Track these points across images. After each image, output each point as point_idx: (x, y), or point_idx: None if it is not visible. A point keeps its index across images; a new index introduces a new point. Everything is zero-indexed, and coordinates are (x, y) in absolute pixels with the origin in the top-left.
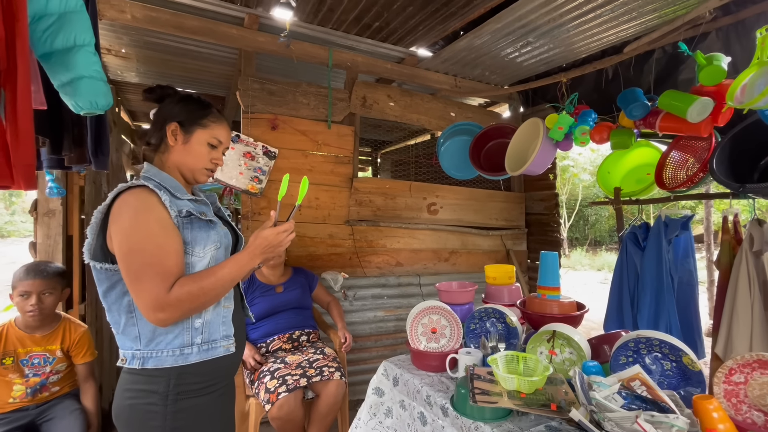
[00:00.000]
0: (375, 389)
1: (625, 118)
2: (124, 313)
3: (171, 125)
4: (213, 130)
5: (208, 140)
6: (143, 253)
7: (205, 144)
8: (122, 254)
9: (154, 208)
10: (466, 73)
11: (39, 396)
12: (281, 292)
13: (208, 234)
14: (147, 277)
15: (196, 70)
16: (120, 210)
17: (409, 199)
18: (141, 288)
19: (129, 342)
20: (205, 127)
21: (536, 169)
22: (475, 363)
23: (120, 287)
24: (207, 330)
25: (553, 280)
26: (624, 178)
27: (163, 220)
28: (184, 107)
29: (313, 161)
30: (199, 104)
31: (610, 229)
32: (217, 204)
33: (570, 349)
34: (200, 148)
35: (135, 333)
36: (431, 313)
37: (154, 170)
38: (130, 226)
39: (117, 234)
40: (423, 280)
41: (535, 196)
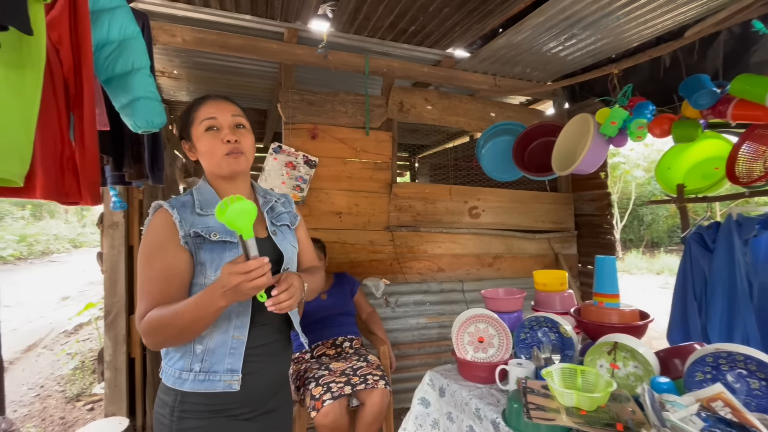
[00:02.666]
0: (421, 399)
1: (689, 108)
2: None
3: (183, 145)
4: (199, 115)
5: (202, 128)
6: (141, 275)
7: (203, 133)
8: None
9: (160, 231)
10: (506, 71)
11: None
12: (325, 299)
13: (222, 256)
14: (138, 299)
15: (240, 86)
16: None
17: (449, 203)
18: (138, 306)
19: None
20: (194, 121)
21: (586, 168)
22: (528, 375)
23: None
24: (209, 358)
25: (611, 287)
26: (688, 173)
27: (165, 244)
28: (179, 122)
29: (352, 168)
30: (186, 108)
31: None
32: (279, 209)
33: (634, 362)
34: (204, 141)
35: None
36: (477, 321)
37: (197, 183)
38: (140, 249)
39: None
40: (466, 286)
41: (584, 196)
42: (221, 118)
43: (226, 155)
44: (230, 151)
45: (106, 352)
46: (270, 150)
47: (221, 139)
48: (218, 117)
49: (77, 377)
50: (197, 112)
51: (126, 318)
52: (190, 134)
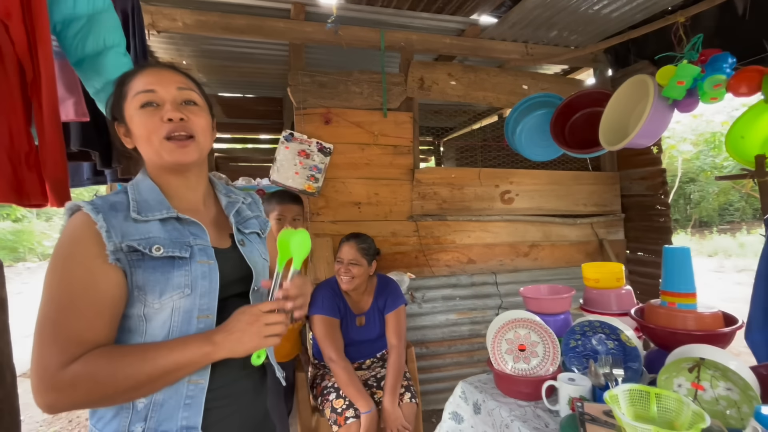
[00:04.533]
0: (452, 414)
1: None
2: None
3: (117, 128)
4: (134, 85)
5: (135, 105)
6: (47, 305)
7: (137, 110)
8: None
9: (82, 242)
10: (540, 36)
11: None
12: (362, 325)
13: (168, 276)
14: (44, 340)
15: (252, 74)
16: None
17: (478, 188)
18: (35, 353)
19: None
20: (126, 95)
21: (645, 140)
22: (583, 395)
23: None
24: (155, 415)
25: (686, 284)
26: (765, 142)
27: (87, 260)
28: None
29: (371, 154)
30: (119, 79)
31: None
32: (246, 213)
33: (727, 383)
34: (138, 120)
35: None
36: (517, 326)
37: (137, 177)
38: (50, 266)
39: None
40: (500, 278)
41: (633, 174)
42: (162, 91)
43: (167, 139)
44: (171, 133)
45: None
46: (281, 138)
47: (160, 118)
48: (158, 90)
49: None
50: (132, 83)
51: None
52: (123, 112)
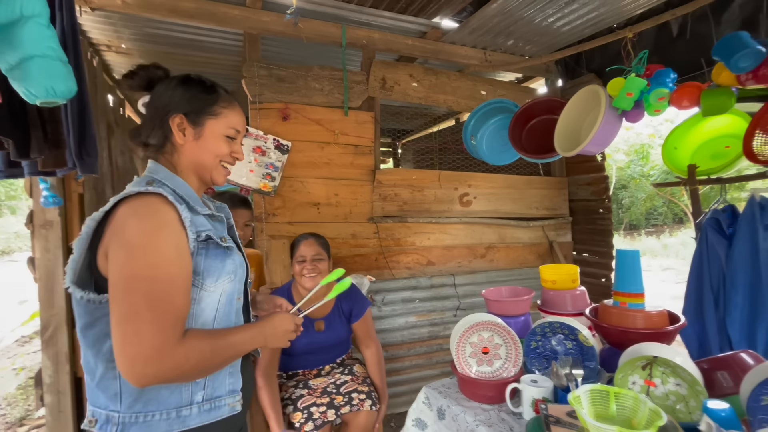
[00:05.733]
0: (416, 421)
1: (723, 73)
2: (103, 360)
3: (175, 118)
4: (227, 118)
5: (224, 132)
6: (151, 283)
7: (222, 137)
8: (121, 279)
9: (171, 225)
10: (498, 44)
11: None
12: (322, 330)
13: (224, 263)
14: (149, 318)
15: (203, 63)
16: (126, 221)
17: (438, 190)
18: (136, 330)
19: (104, 399)
20: (218, 116)
21: (596, 147)
22: (545, 396)
23: (103, 326)
24: (210, 384)
25: (635, 285)
26: (695, 153)
27: (180, 244)
28: (186, 93)
29: (331, 153)
30: (202, 86)
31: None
32: (230, 220)
33: (676, 379)
34: (216, 143)
35: (115, 389)
36: (481, 329)
37: (164, 172)
38: (140, 244)
39: (118, 251)
40: (458, 279)
41: (579, 180)
42: (243, 133)
43: (224, 169)
44: (226, 163)
45: (45, 372)
46: None
47: (231, 152)
48: (242, 131)
49: (18, 398)
50: (227, 111)
51: (68, 332)
52: (203, 122)
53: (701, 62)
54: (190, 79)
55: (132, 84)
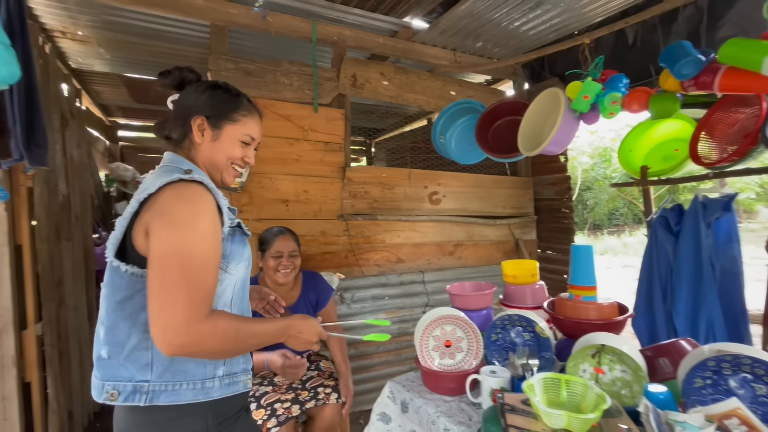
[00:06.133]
0: (380, 415)
1: (669, 80)
2: (138, 332)
3: (197, 119)
4: (245, 125)
5: (239, 137)
6: (190, 259)
7: (237, 142)
8: (163, 253)
9: (212, 211)
10: (467, 46)
11: None
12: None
13: (244, 249)
14: (184, 290)
15: (167, 54)
16: (173, 203)
17: (408, 188)
18: (172, 301)
19: (132, 370)
20: (236, 122)
21: (556, 147)
22: (503, 386)
23: (140, 299)
24: (229, 362)
25: (589, 278)
26: (648, 155)
27: (217, 229)
28: (211, 98)
29: (300, 150)
30: (228, 94)
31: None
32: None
33: (622, 366)
34: (231, 146)
35: (147, 359)
36: (444, 323)
37: (187, 164)
38: (185, 224)
39: (163, 228)
40: (427, 276)
41: (544, 180)
42: (258, 141)
43: (235, 171)
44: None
45: None
46: None
47: (244, 156)
48: (257, 139)
49: None
50: (246, 119)
51: (15, 334)
52: (222, 126)
53: (651, 69)
54: (218, 85)
55: (165, 82)
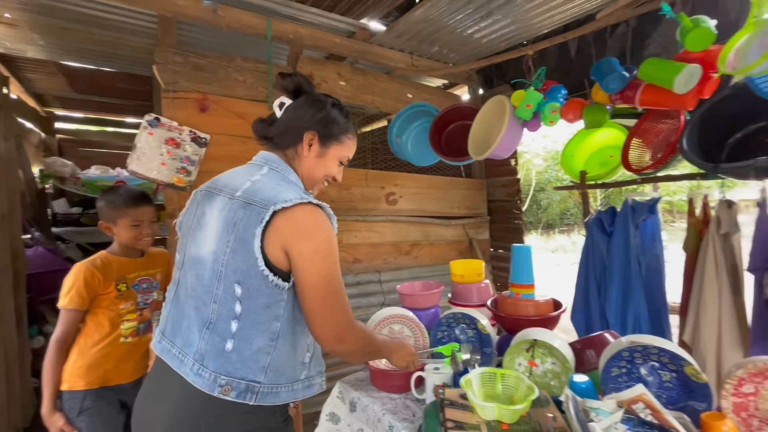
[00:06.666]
0: (329, 415)
1: (599, 93)
2: (266, 337)
3: (309, 134)
4: (348, 148)
5: (340, 158)
6: (338, 280)
7: (336, 161)
8: (321, 278)
9: (334, 234)
10: (423, 50)
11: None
12: None
13: None
14: (341, 306)
15: (110, 43)
16: (316, 228)
17: (365, 189)
18: (336, 313)
19: (251, 370)
20: (342, 144)
21: (502, 152)
22: (446, 382)
23: (276, 309)
24: (308, 365)
25: (527, 277)
26: (588, 161)
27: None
28: (328, 117)
29: (254, 149)
30: (342, 117)
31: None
32: None
33: (552, 359)
34: (331, 165)
35: (265, 362)
36: (392, 322)
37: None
38: (329, 251)
39: (311, 252)
40: (383, 276)
41: (496, 182)
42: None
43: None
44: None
45: None
46: (143, 122)
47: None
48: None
49: None
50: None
51: None
52: (329, 144)
53: (585, 83)
54: (337, 107)
55: (284, 84)
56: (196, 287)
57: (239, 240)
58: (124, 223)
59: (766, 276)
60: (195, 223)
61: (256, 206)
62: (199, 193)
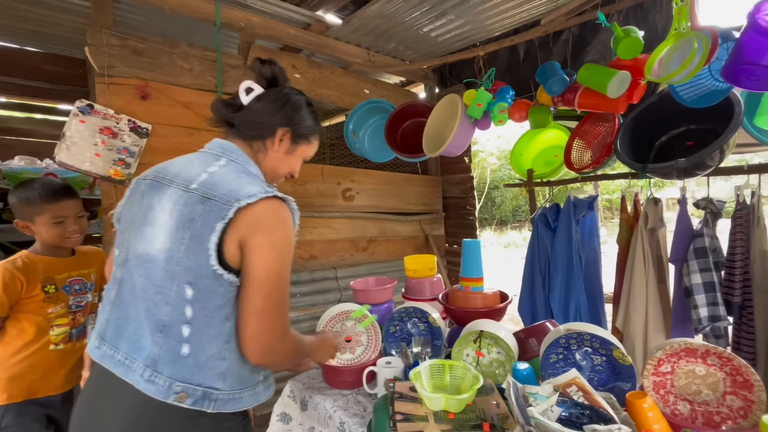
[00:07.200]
0: (280, 415)
1: (543, 95)
2: (219, 341)
3: (283, 130)
4: (314, 147)
5: (305, 156)
6: (286, 283)
7: (302, 158)
8: (271, 275)
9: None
10: (380, 46)
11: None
12: None
13: None
14: (282, 310)
15: (35, 20)
16: (275, 222)
17: (321, 184)
18: (272, 321)
19: (207, 377)
20: (310, 143)
21: (454, 150)
22: (397, 375)
23: (228, 309)
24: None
25: (476, 270)
26: (534, 160)
27: None
28: (304, 118)
29: (201, 141)
30: (314, 117)
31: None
32: None
33: (497, 348)
34: (296, 162)
35: (222, 368)
36: (345, 318)
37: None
38: (286, 248)
39: (269, 249)
40: (340, 272)
41: (451, 179)
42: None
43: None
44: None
45: None
46: (74, 109)
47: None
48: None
49: None
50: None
51: None
52: (299, 143)
53: (531, 85)
54: (311, 106)
55: (261, 70)
56: (146, 288)
57: (195, 237)
58: (44, 221)
59: (685, 266)
60: (141, 216)
61: (217, 201)
62: (143, 182)
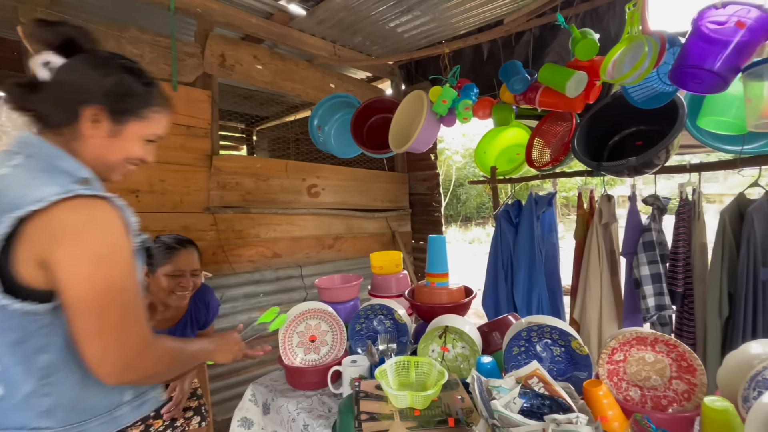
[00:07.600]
0: (241, 420)
1: (506, 93)
2: (33, 378)
3: (91, 110)
4: (155, 122)
5: (145, 136)
6: (125, 294)
7: (140, 140)
8: (94, 293)
9: (126, 232)
10: (346, 40)
11: None
12: None
13: (140, 267)
14: (129, 325)
15: None
16: (84, 228)
17: (285, 180)
18: (118, 338)
19: (30, 417)
20: (145, 119)
21: (420, 146)
22: (362, 374)
23: (37, 339)
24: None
25: (441, 266)
26: (497, 157)
27: (131, 249)
28: (117, 86)
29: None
30: (138, 83)
31: (477, 206)
32: None
33: (462, 343)
34: (132, 145)
35: (46, 405)
36: (308, 317)
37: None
38: (108, 257)
39: (83, 264)
40: (305, 270)
41: (417, 176)
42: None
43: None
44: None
45: None
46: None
47: (145, 154)
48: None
49: None
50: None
51: None
52: (126, 121)
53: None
54: (129, 69)
55: (43, 36)
56: None
57: None
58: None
59: (635, 259)
60: None
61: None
62: None
